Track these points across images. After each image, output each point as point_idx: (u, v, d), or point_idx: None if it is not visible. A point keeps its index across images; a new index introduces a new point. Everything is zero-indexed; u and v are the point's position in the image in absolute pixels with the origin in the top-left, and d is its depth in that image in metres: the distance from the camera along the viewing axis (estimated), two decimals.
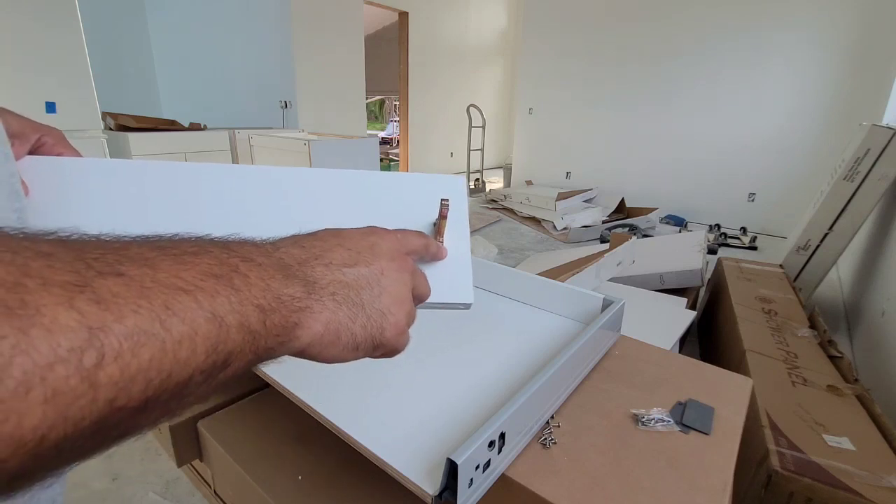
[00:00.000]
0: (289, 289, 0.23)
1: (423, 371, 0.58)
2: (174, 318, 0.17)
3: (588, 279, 1.42)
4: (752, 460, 0.92)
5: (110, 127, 3.17)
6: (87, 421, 0.15)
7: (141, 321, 0.16)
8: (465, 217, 0.41)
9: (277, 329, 0.22)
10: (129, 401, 0.16)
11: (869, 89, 3.40)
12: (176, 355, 0.17)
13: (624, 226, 3.71)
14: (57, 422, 0.14)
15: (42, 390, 0.13)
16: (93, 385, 0.15)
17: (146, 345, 0.16)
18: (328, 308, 0.25)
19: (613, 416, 0.53)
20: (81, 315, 0.15)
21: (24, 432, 0.13)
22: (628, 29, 4.49)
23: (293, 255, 0.25)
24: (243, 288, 0.20)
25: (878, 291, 1.92)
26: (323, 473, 0.61)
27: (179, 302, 0.17)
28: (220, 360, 0.19)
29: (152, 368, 0.16)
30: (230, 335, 0.19)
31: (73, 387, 0.14)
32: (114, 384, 0.15)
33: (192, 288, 0.18)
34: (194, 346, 0.18)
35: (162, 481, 1.18)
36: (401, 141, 6.53)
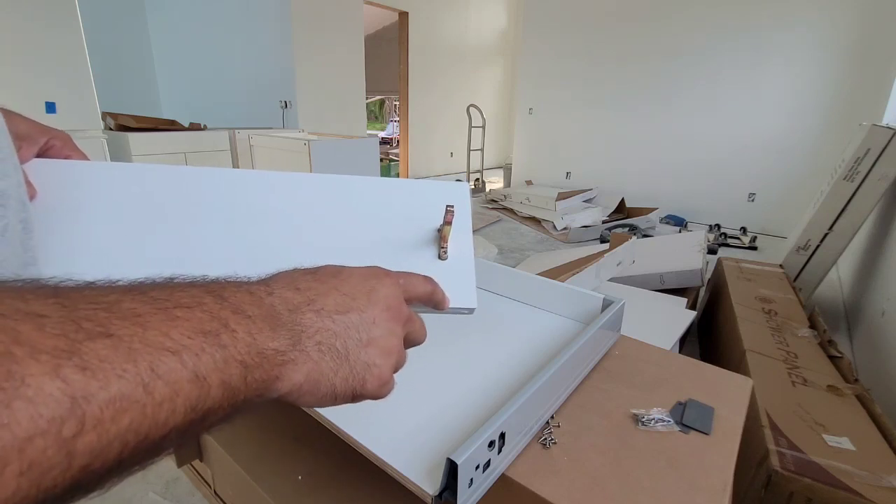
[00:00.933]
0: (274, 342, 0.23)
1: (423, 371, 0.58)
2: (158, 382, 0.17)
3: (588, 279, 1.42)
4: (752, 460, 0.92)
5: (110, 127, 3.17)
6: (59, 488, 0.15)
7: (125, 387, 0.16)
8: (469, 223, 0.42)
9: (258, 384, 0.22)
10: (104, 465, 0.16)
11: (869, 89, 3.40)
12: (155, 418, 0.17)
13: (624, 226, 3.71)
14: (30, 492, 0.14)
15: (18, 464, 0.13)
16: (69, 454, 0.15)
17: (128, 410, 0.16)
18: (311, 359, 0.25)
19: (613, 416, 0.53)
20: (66, 384, 0.15)
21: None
22: (628, 29, 4.49)
23: (286, 301, 0.25)
24: (230, 345, 0.20)
25: (878, 291, 1.92)
26: (323, 473, 0.61)
27: (165, 363, 0.17)
28: (198, 418, 0.19)
29: (130, 431, 0.16)
30: (211, 393, 0.19)
31: (49, 457, 0.14)
32: (90, 451, 0.15)
33: (180, 348, 0.18)
34: (174, 407, 0.18)
35: (162, 481, 1.18)
36: (401, 141, 6.53)
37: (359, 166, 3.17)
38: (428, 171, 6.75)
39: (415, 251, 0.39)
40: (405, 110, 6.29)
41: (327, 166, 2.88)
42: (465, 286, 0.38)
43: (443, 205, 0.40)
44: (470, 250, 0.40)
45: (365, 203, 0.41)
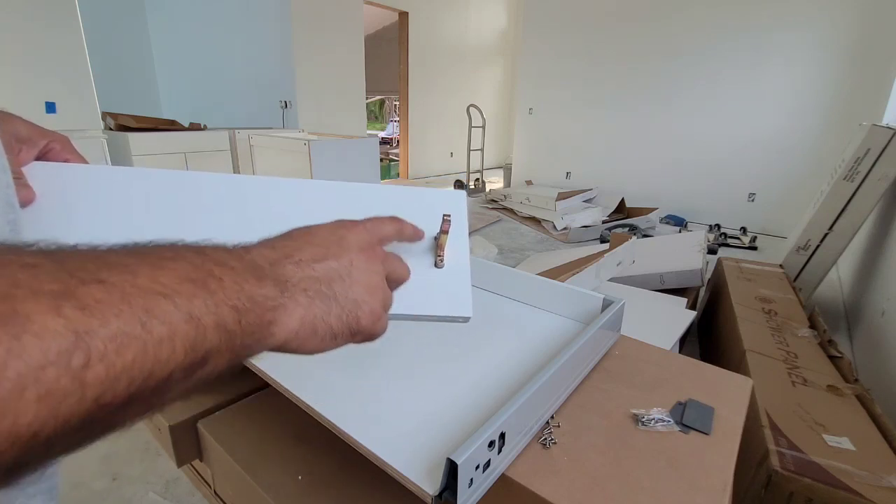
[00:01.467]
0: (262, 289, 0.24)
1: (423, 371, 0.58)
2: (154, 321, 0.18)
3: (588, 279, 1.42)
4: (752, 460, 0.92)
5: (110, 127, 3.17)
6: (76, 418, 0.16)
7: (123, 324, 0.17)
8: (466, 232, 0.42)
9: (253, 328, 0.23)
10: (115, 398, 0.17)
11: (869, 89, 3.41)
12: (157, 355, 0.18)
13: (624, 226, 3.71)
14: (49, 419, 0.15)
15: (35, 390, 0.15)
16: (81, 384, 0.16)
17: (129, 346, 0.17)
18: (301, 304, 0.26)
19: (613, 416, 0.53)
20: (68, 321, 0.16)
21: (20, 429, 0.14)
22: (628, 29, 4.49)
23: (265, 257, 0.26)
24: (218, 291, 0.21)
25: (878, 291, 1.92)
26: (323, 473, 0.61)
27: (158, 305, 0.19)
28: (199, 358, 0.20)
29: (135, 367, 0.17)
30: (207, 335, 0.20)
31: (63, 386, 0.15)
32: (100, 383, 0.16)
33: (170, 292, 0.19)
34: (174, 346, 0.19)
35: (162, 481, 1.18)
36: (401, 141, 6.53)
37: (359, 166, 3.17)
38: (428, 171, 6.75)
39: (411, 258, 0.39)
40: (405, 110, 6.29)
41: (327, 166, 2.88)
42: (460, 294, 0.38)
43: (440, 213, 0.41)
44: (466, 259, 0.40)
45: (362, 210, 0.41)
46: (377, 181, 3.34)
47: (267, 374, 0.56)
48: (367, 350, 0.59)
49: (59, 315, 0.16)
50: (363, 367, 0.58)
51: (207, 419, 0.72)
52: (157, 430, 0.75)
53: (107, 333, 0.17)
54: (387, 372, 0.57)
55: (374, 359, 0.59)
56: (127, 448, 1.28)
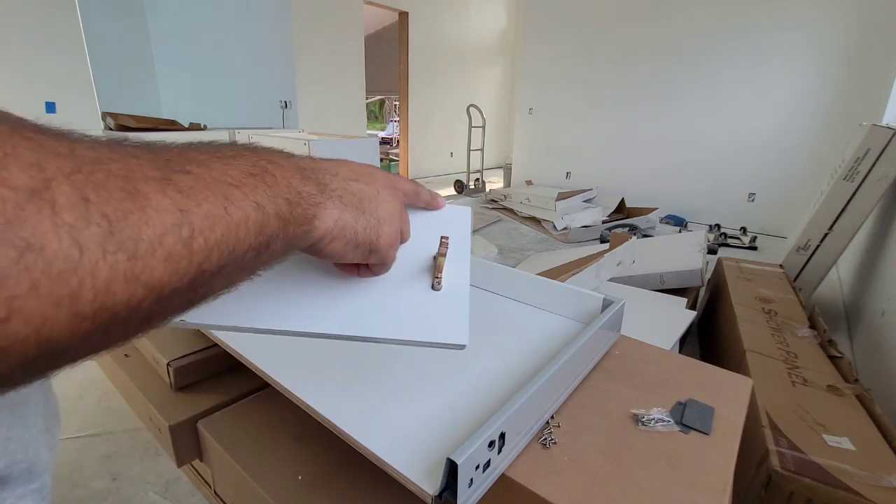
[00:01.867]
0: (307, 187, 0.27)
1: (423, 371, 0.58)
2: (232, 206, 0.22)
3: (588, 279, 1.42)
4: (752, 460, 0.92)
5: (110, 127, 3.17)
6: (187, 278, 0.20)
7: (211, 206, 0.21)
8: (467, 254, 0.40)
9: (301, 219, 0.26)
10: (211, 266, 0.21)
11: (869, 89, 3.41)
12: (237, 234, 0.22)
13: (624, 226, 3.71)
14: (173, 276, 0.19)
15: (161, 252, 0.18)
16: (189, 251, 0.19)
17: (217, 224, 0.21)
18: (337, 207, 0.29)
19: (613, 416, 0.53)
20: (173, 200, 0.19)
21: (154, 281, 0.18)
22: (628, 29, 4.49)
23: (307, 163, 0.30)
24: (274, 185, 0.25)
25: (878, 291, 1.92)
26: (323, 473, 0.61)
27: (233, 193, 0.22)
28: (265, 241, 0.24)
29: (223, 242, 0.21)
30: (270, 221, 0.24)
31: (178, 251, 0.19)
32: (201, 251, 0.20)
33: (239, 183, 0.23)
34: (248, 228, 0.22)
35: (162, 481, 1.18)
36: (401, 141, 6.53)
37: None
38: (428, 172, 6.75)
39: (408, 277, 0.38)
40: (405, 110, 6.29)
41: None
42: (456, 320, 0.36)
43: (444, 229, 0.39)
44: (466, 283, 0.38)
45: None
46: None
47: (267, 374, 0.56)
48: (368, 350, 0.59)
49: (166, 195, 0.19)
50: (363, 367, 0.58)
51: (207, 419, 0.72)
52: (157, 430, 0.75)
53: (201, 212, 0.20)
54: (387, 372, 0.57)
55: (373, 359, 0.59)
56: (127, 448, 1.28)
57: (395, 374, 0.57)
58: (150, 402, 0.76)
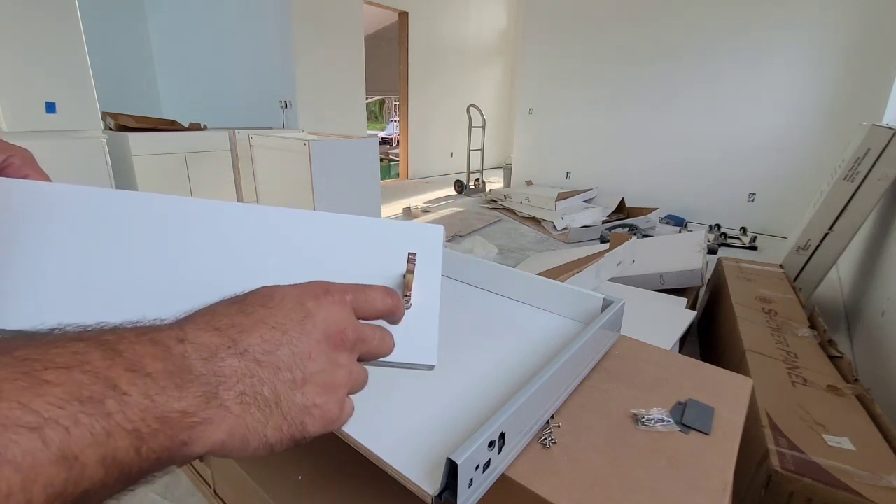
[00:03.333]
0: (181, 402, 0.20)
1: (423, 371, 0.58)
2: (5, 469, 0.15)
3: (588, 279, 1.42)
4: (752, 460, 0.92)
5: (110, 127, 3.17)
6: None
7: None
8: (437, 272, 0.38)
9: (158, 454, 0.19)
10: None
11: (869, 89, 3.41)
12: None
13: (624, 226, 3.71)
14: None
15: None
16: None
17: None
18: (233, 414, 0.21)
19: (613, 416, 0.53)
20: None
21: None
22: (628, 29, 4.49)
23: (201, 348, 0.22)
24: (116, 412, 0.17)
25: (878, 291, 1.92)
26: (323, 473, 0.61)
27: (17, 444, 0.15)
28: (73, 499, 0.17)
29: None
30: (86, 473, 0.17)
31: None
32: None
33: (42, 422, 0.16)
34: (30, 498, 0.15)
35: (162, 481, 1.18)
36: (401, 141, 6.53)
37: (359, 166, 3.17)
38: (428, 171, 6.75)
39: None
40: (405, 110, 6.29)
41: (327, 166, 2.88)
42: (425, 340, 0.35)
43: (414, 248, 0.38)
44: (436, 301, 0.37)
45: (326, 241, 0.38)
46: (377, 181, 3.33)
47: None
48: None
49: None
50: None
51: None
52: None
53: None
54: (387, 372, 0.57)
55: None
56: None
57: (394, 374, 0.57)
58: None
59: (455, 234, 3.64)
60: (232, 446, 0.22)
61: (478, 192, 5.36)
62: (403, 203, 4.79)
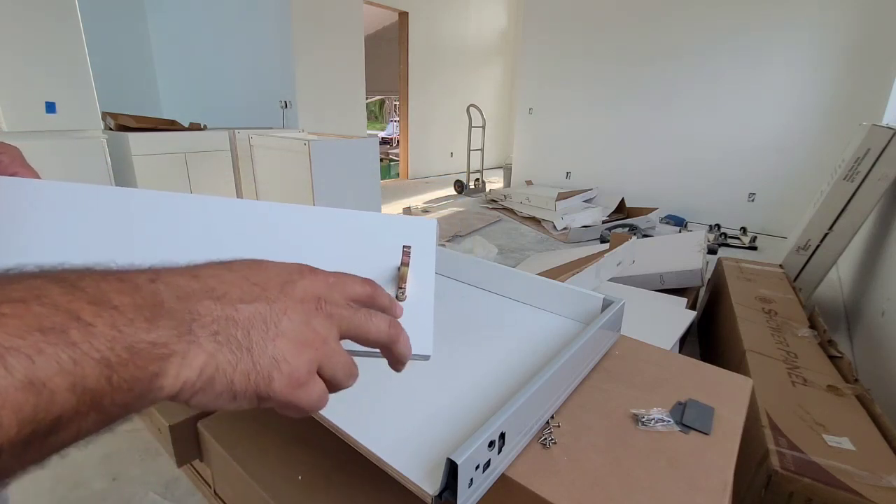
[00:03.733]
0: (150, 334, 0.20)
1: (423, 371, 0.58)
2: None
3: (588, 279, 1.42)
4: (752, 460, 0.92)
5: (110, 127, 3.17)
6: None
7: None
8: (431, 264, 0.39)
9: (130, 383, 0.19)
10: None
11: (869, 89, 3.41)
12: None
13: (624, 226, 3.71)
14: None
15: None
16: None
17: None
18: (205, 350, 0.21)
19: (613, 416, 0.53)
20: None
21: None
22: (629, 29, 4.49)
23: (175, 288, 0.22)
24: (81, 341, 0.18)
25: (878, 291, 1.92)
26: (323, 473, 0.61)
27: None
28: (43, 428, 0.17)
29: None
30: (56, 399, 0.17)
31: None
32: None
33: (2, 351, 0.16)
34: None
35: (162, 481, 1.18)
36: (401, 141, 6.53)
37: (359, 166, 3.17)
38: (428, 171, 6.75)
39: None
40: (405, 110, 6.29)
41: (327, 166, 2.88)
42: (421, 331, 0.36)
43: (408, 241, 0.39)
44: (430, 293, 0.38)
45: (320, 235, 0.38)
46: (377, 181, 3.33)
47: None
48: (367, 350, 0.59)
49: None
50: (363, 367, 0.58)
51: (207, 419, 0.72)
52: (157, 430, 0.75)
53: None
54: (386, 372, 0.57)
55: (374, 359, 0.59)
56: (127, 448, 1.28)
57: (394, 375, 0.57)
58: None
59: (455, 234, 3.64)
60: (199, 386, 0.21)
61: (478, 192, 5.36)
62: (403, 203, 4.79)
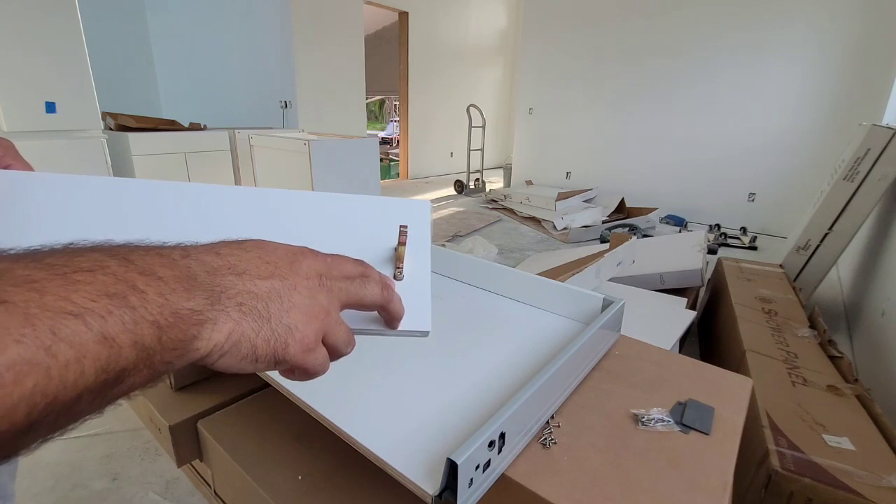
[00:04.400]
0: (189, 302, 0.23)
1: (423, 371, 0.58)
2: (61, 344, 0.17)
3: (588, 279, 1.42)
4: (752, 460, 0.92)
5: (110, 127, 3.17)
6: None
7: (24, 351, 0.16)
8: (427, 243, 0.40)
9: (174, 343, 0.22)
10: (13, 426, 0.16)
11: (869, 89, 3.40)
12: (62, 379, 0.17)
13: (624, 226, 3.71)
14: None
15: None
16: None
17: (29, 374, 0.16)
18: (232, 318, 0.25)
19: (613, 416, 0.53)
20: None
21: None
22: (628, 28, 4.49)
23: (204, 263, 0.25)
24: (139, 306, 0.20)
25: (878, 291, 1.92)
26: (323, 473, 0.61)
27: (67, 326, 0.18)
28: (112, 378, 0.19)
29: (36, 394, 0.17)
30: (123, 353, 0.19)
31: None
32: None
33: (82, 310, 0.18)
34: (82, 368, 0.18)
35: (162, 481, 1.18)
36: (401, 141, 6.53)
37: (359, 166, 3.17)
38: (428, 171, 6.75)
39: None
40: (405, 110, 6.29)
41: (327, 166, 2.88)
42: (419, 307, 0.37)
43: (404, 221, 0.40)
44: (427, 271, 0.39)
45: (319, 219, 0.39)
46: (377, 181, 3.34)
47: (267, 375, 0.56)
48: (368, 350, 0.59)
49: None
50: (363, 367, 0.58)
51: (207, 419, 0.72)
52: (157, 430, 0.75)
53: (4, 362, 0.16)
54: (387, 372, 0.57)
55: (374, 359, 0.59)
56: (127, 448, 1.28)
57: (394, 375, 0.57)
58: (150, 402, 0.76)
59: (455, 234, 3.64)
60: (227, 349, 0.25)
61: (478, 192, 5.36)
62: None
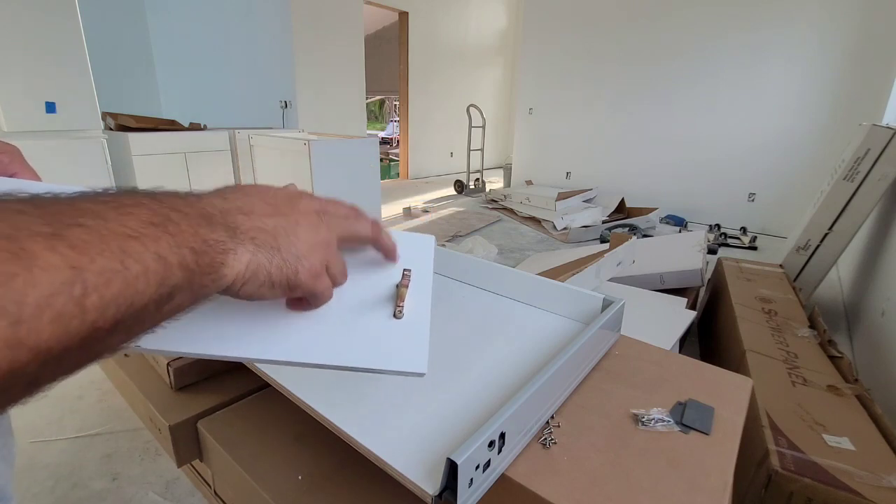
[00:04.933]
0: (214, 234, 0.26)
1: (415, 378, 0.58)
2: (129, 259, 0.21)
3: (588, 279, 1.42)
4: (752, 460, 0.92)
5: (110, 127, 3.17)
6: (78, 337, 0.19)
7: (106, 261, 0.20)
8: (429, 282, 0.41)
9: (208, 268, 0.25)
10: (105, 322, 0.20)
11: (869, 89, 3.41)
12: (135, 288, 0.21)
13: (624, 226, 3.71)
14: (61, 337, 0.18)
15: (50, 313, 0.18)
16: (81, 310, 0.19)
17: (114, 279, 0.20)
18: (249, 250, 0.28)
19: (613, 416, 0.53)
20: (63, 257, 0.18)
21: (41, 344, 0.18)
22: (628, 29, 4.49)
23: (216, 206, 0.28)
24: (177, 234, 0.24)
25: (878, 291, 1.92)
26: (323, 473, 0.61)
27: (131, 246, 0.21)
28: (166, 293, 0.23)
29: (119, 297, 0.20)
30: (172, 272, 0.23)
31: (69, 311, 0.18)
32: (95, 309, 0.19)
33: (138, 234, 0.22)
34: (147, 280, 0.21)
35: (162, 481, 1.18)
36: (401, 141, 6.53)
37: (359, 166, 3.17)
38: (428, 171, 6.75)
39: (369, 305, 0.38)
40: (405, 110, 6.29)
41: (327, 166, 2.88)
42: (416, 348, 0.37)
43: (406, 257, 0.40)
44: (426, 312, 0.39)
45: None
46: (377, 181, 3.33)
47: (267, 374, 0.56)
48: None
49: (56, 252, 0.18)
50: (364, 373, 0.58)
51: (207, 419, 0.72)
52: (157, 430, 0.75)
53: (95, 268, 0.19)
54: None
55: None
56: (127, 448, 1.28)
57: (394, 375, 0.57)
58: (150, 402, 0.76)
59: (455, 234, 3.64)
60: (247, 277, 0.28)
61: (478, 192, 5.36)
62: (403, 203, 4.79)
